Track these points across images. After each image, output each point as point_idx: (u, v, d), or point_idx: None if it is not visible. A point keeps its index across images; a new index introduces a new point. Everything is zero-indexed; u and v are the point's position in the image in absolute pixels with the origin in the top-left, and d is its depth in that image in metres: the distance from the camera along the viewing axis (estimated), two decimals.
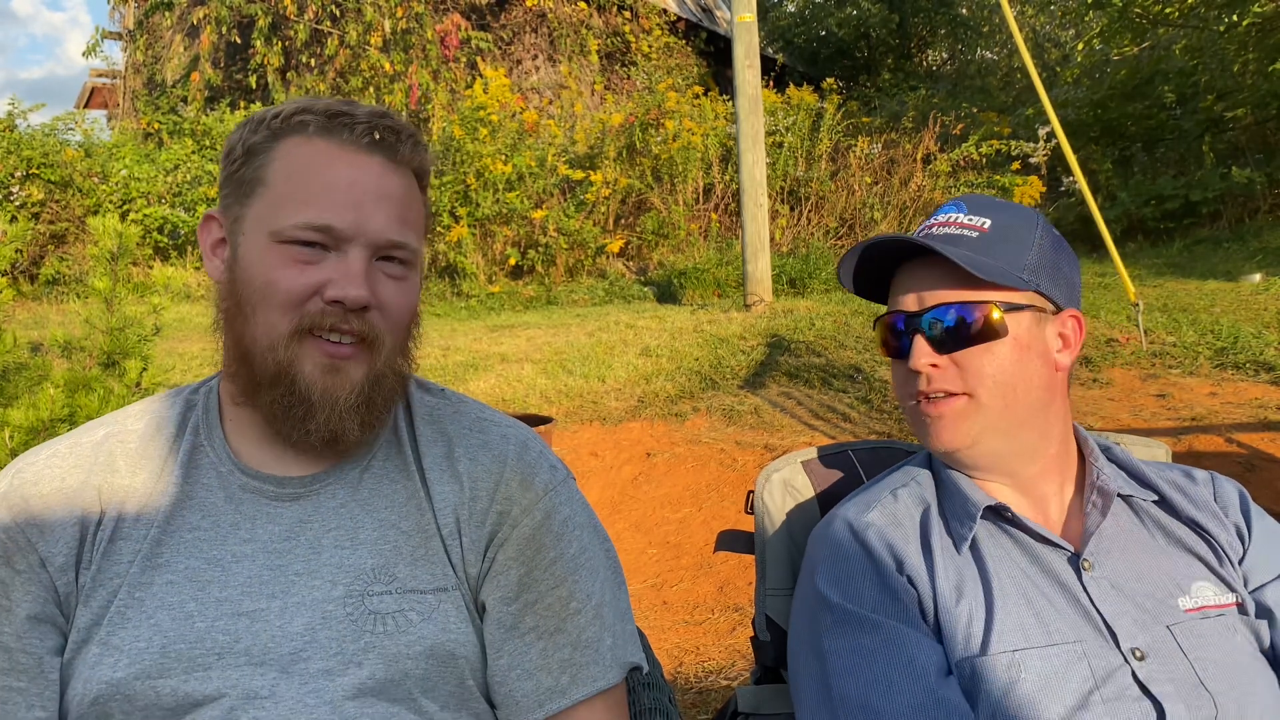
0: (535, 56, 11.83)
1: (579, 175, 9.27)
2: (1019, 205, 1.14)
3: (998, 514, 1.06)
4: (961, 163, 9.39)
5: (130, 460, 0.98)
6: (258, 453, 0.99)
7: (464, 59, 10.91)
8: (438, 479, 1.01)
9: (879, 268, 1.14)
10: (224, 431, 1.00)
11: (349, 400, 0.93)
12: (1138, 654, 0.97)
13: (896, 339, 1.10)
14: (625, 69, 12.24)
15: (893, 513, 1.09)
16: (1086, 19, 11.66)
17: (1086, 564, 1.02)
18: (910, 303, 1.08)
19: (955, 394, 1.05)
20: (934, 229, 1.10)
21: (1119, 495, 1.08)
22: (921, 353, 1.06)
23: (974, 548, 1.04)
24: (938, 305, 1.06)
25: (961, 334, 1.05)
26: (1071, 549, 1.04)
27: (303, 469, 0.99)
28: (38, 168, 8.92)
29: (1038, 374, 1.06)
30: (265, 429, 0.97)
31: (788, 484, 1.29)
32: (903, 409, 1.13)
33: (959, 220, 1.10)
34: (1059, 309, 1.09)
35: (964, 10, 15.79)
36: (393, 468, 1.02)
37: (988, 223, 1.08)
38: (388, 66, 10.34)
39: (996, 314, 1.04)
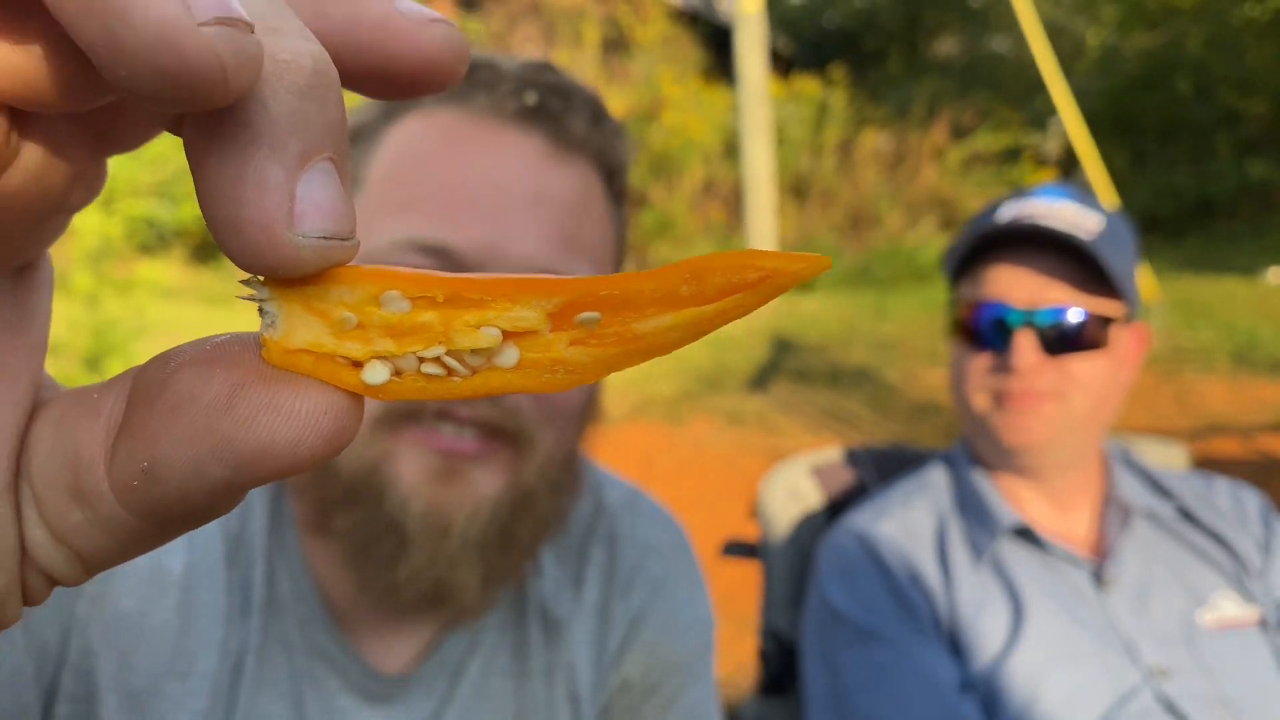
0: (531, 46, 11.76)
1: None
2: (1100, 204, 1.11)
3: (1021, 531, 1.05)
4: (973, 156, 9.35)
5: (178, 598, 0.62)
6: (350, 605, 0.65)
7: None
8: (581, 664, 0.71)
9: (968, 248, 1.09)
10: (303, 555, 0.65)
11: (469, 530, 0.59)
12: (1160, 671, 0.96)
13: (991, 330, 1.04)
14: (624, 60, 12.17)
15: (906, 522, 1.07)
16: (1101, 15, 11.58)
17: (1107, 581, 1.02)
18: (1018, 295, 1.03)
19: (1047, 396, 1.03)
20: (1039, 217, 1.03)
21: (1138, 508, 1.07)
22: (1028, 351, 1.01)
23: (995, 561, 1.03)
24: (1055, 304, 1.01)
25: (1073, 339, 1.02)
26: (1092, 565, 1.03)
27: (406, 645, 0.67)
28: None
29: (1117, 388, 1.06)
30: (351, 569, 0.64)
31: (793, 490, 1.26)
32: (965, 400, 1.09)
33: (1071, 212, 1.04)
34: (1130, 320, 1.08)
35: (974, 4, 15.74)
36: (506, 647, 0.69)
37: (1099, 221, 1.03)
38: None
39: (1106, 324, 1.03)
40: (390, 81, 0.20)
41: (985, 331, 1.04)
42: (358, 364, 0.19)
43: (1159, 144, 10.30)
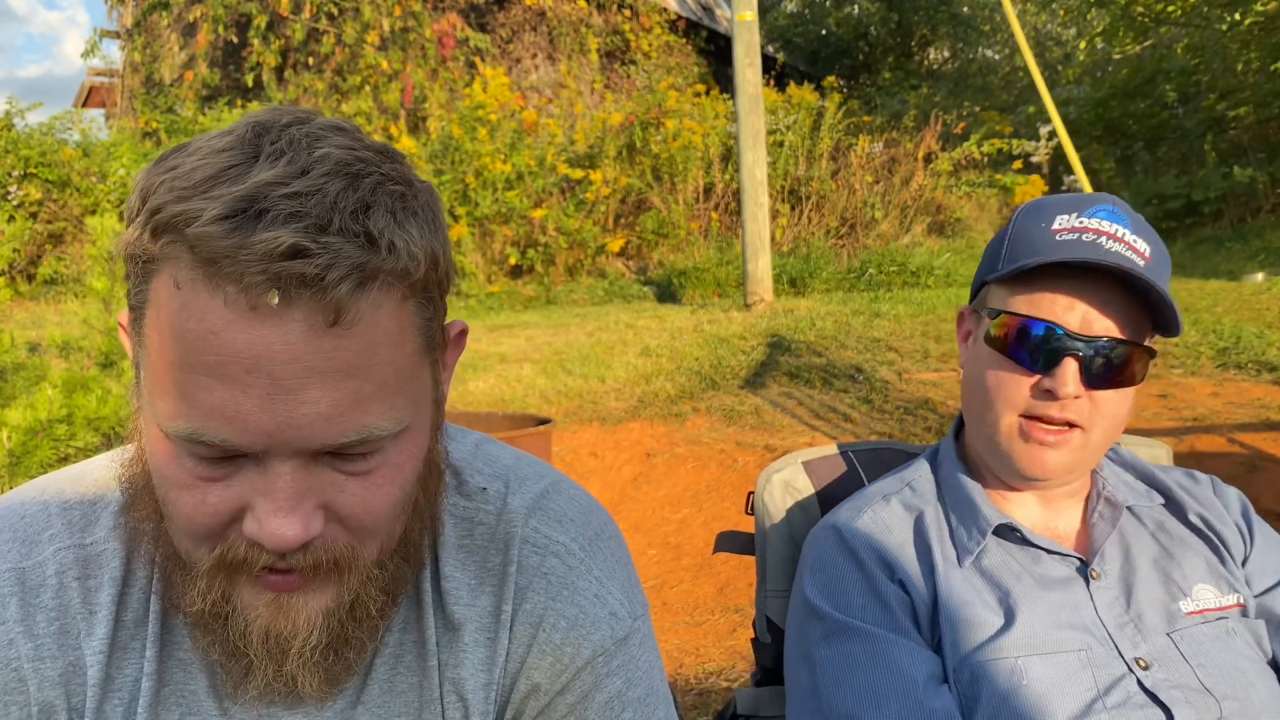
0: (534, 55, 11.81)
1: (579, 174, 9.26)
2: (1148, 224, 1.05)
3: (1008, 529, 1.05)
4: (963, 161, 9.42)
5: (70, 615, 0.68)
6: None
7: (462, 58, 10.90)
8: (471, 666, 0.74)
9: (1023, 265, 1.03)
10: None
11: (306, 645, 0.64)
12: (1141, 663, 0.97)
13: (1038, 350, 0.98)
14: (625, 68, 12.23)
15: (883, 519, 1.08)
16: (1089, 17, 11.65)
17: (1094, 574, 1.02)
18: (1073, 319, 0.97)
19: (1075, 427, 0.99)
20: (1102, 240, 0.98)
21: (1126, 503, 1.07)
22: (1072, 380, 0.96)
23: (982, 556, 1.04)
24: (1111, 338, 0.97)
25: (1117, 374, 0.98)
26: (1079, 559, 1.03)
27: None
28: (35, 167, 8.92)
29: (1129, 412, 1.04)
30: None
31: (788, 484, 1.28)
32: (989, 414, 1.03)
33: (1125, 238, 0.98)
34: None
35: (965, 9, 15.79)
36: (410, 644, 0.74)
37: (1149, 249, 0.99)
38: (385, 65, 10.33)
39: (1148, 357, 0.99)
40: None
41: (1030, 351, 0.99)
42: None
43: (1146, 149, 10.35)
